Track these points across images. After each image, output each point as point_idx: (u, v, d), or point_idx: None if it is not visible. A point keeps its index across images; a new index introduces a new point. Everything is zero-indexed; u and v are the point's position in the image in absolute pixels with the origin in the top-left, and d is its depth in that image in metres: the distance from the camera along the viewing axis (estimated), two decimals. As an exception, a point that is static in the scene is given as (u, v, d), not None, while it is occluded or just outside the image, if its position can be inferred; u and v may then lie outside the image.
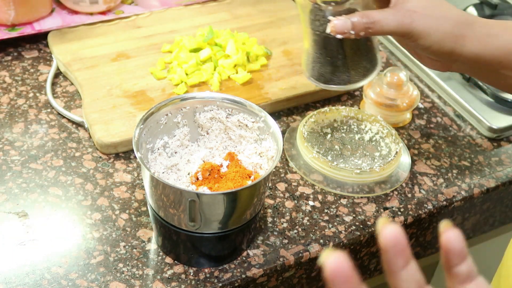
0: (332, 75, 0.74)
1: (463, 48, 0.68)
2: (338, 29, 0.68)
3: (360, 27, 0.67)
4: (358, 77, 0.74)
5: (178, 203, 0.63)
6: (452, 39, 0.67)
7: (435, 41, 0.67)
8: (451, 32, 0.67)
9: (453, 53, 0.68)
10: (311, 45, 0.74)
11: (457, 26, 0.67)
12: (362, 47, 0.73)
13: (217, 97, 0.72)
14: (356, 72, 0.74)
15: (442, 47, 0.68)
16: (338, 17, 0.68)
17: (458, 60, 0.69)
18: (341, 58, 0.73)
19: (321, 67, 0.74)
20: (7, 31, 0.94)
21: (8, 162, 0.78)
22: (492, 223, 0.91)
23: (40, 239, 0.70)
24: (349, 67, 0.73)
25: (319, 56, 0.73)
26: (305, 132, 0.82)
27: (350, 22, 0.67)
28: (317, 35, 0.72)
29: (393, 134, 0.83)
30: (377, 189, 0.79)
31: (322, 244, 0.73)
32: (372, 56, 0.74)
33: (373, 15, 0.67)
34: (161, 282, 0.67)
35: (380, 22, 0.67)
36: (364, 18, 0.67)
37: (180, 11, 1.03)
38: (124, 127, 0.81)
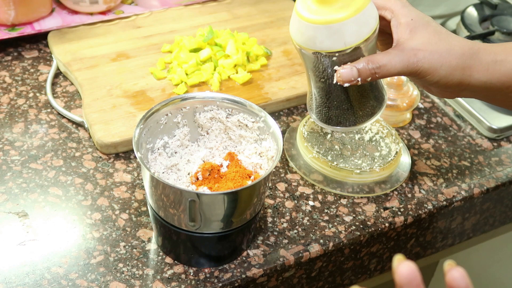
0: (340, 118, 0.72)
1: (471, 78, 0.67)
2: (344, 79, 0.66)
3: (366, 73, 0.66)
4: (366, 117, 0.73)
5: (178, 203, 0.63)
6: (459, 71, 0.67)
7: (442, 75, 0.67)
8: (457, 65, 0.66)
9: (461, 84, 0.68)
10: (315, 91, 0.72)
11: (463, 58, 0.67)
12: (368, 88, 0.71)
13: (217, 97, 0.72)
14: (364, 113, 0.72)
15: (450, 81, 0.67)
16: (344, 66, 0.66)
17: (467, 89, 0.69)
18: (348, 102, 0.71)
19: (328, 111, 0.72)
20: (7, 31, 0.94)
21: (8, 162, 0.78)
22: (492, 223, 0.91)
23: (40, 239, 0.70)
24: (357, 109, 0.72)
25: (326, 101, 0.71)
26: (305, 132, 0.82)
27: (356, 70, 0.66)
28: (322, 82, 0.70)
29: (393, 134, 0.83)
30: (377, 189, 0.79)
31: (322, 244, 0.73)
32: (378, 93, 0.73)
33: (379, 60, 0.66)
34: (161, 282, 0.67)
35: (386, 66, 0.66)
36: (369, 64, 0.66)
37: (180, 11, 1.03)
38: (124, 127, 0.81)
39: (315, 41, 0.66)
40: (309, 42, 0.66)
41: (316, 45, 0.66)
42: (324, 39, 0.65)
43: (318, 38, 0.65)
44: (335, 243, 0.73)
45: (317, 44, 0.66)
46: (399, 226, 0.77)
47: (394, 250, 0.81)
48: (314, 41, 0.66)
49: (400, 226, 0.77)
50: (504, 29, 1.01)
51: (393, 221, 0.76)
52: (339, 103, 0.71)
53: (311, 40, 0.66)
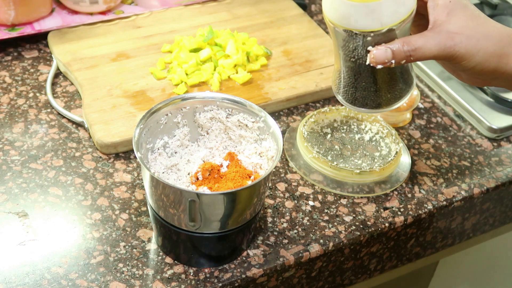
0: (366, 100, 0.70)
1: (507, 66, 0.66)
2: (378, 60, 0.64)
3: (401, 55, 0.64)
4: (393, 100, 0.71)
5: (178, 203, 0.63)
6: (495, 58, 0.65)
7: (478, 62, 0.65)
8: (494, 52, 0.65)
9: (496, 72, 0.66)
10: (344, 70, 0.70)
11: (500, 45, 0.65)
12: (398, 70, 0.69)
13: (217, 97, 0.72)
14: (392, 95, 0.70)
15: (485, 68, 0.65)
16: (378, 47, 0.64)
17: (500, 77, 0.67)
18: (376, 84, 0.69)
19: (355, 91, 0.70)
20: (7, 31, 0.94)
21: (8, 162, 0.78)
22: (492, 223, 0.91)
23: (40, 239, 0.70)
24: (385, 91, 0.70)
25: (354, 81, 0.70)
26: (305, 132, 0.82)
27: (391, 51, 0.64)
28: (352, 61, 0.68)
29: (393, 134, 0.83)
30: (377, 189, 0.79)
31: (322, 244, 0.73)
32: (408, 76, 0.71)
33: (414, 42, 0.64)
34: (161, 282, 0.67)
35: (422, 49, 0.64)
36: (404, 45, 0.64)
37: (180, 11, 1.03)
38: (124, 127, 0.81)
39: (350, 19, 0.63)
40: (343, 20, 0.64)
41: (350, 23, 0.64)
42: (360, 18, 0.63)
43: (353, 16, 0.63)
44: (335, 243, 0.73)
45: (351, 22, 0.64)
46: (399, 226, 0.77)
47: (394, 250, 0.81)
48: (349, 19, 0.63)
49: (400, 226, 0.77)
50: (504, 29, 1.01)
51: (393, 221, 0.77)
52: (368, 84, 0.69)
53: (346, 17, 0.64)
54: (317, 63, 0.94)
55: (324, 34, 1.00)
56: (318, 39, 0.99)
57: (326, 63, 0.94)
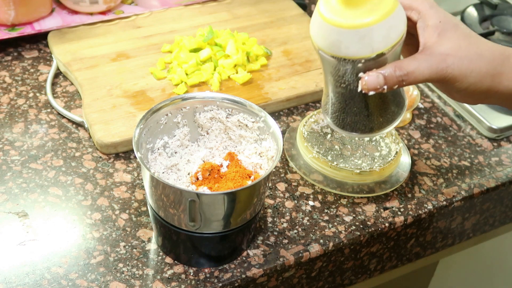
0: (358, 125, 0.68)
1: (500, 85, 0.65)
2: (370, 87, 0.62)
3: (393, 81, 0.62)
4: (386, 123, 0.69)
5: (178, 203, 0.63)
6: (488, 78, 0.64)
7: (471, 82, 0.64)
8: (487, 72, 0.64)
9: (490, 91, 0.65)
10: (334, 95, 0.68)
11: (493, 64, 0.64)
12: (390, 93, 0.67)
13: (217, 97, 0.72)
14: (384, 119, 0.69)
15: (478, 88, 0.64)
16: (369, 73, 0.62)
17: (494, 96, 0.66)
18: (368, 109, 0.67)
19: (346, 117, 0.68)
20: (7, 31, 0.94)
21: (8, 162, 0.78)
22: (492, 223, 0.91)
23: (40, 239, 0.70)
24: (377, 115, 0.68)
25: (345, 107, 0.68)
26: (305, 132, 0.82)
27: (382, 77, 0.62)
28: (342, 87, 0.66)
29: (393, 134, 0.83)
30: (377, 189, 0.79)
31: (322, 244, 0.73)
32: (400, 98, 0.69)
33: (406, 66, 0.62)
34: (161, 282, 0.67)
35: (414, 73, 0.62)
36: (397, 71, 0.62)
37: (180, 11, 1.03)
38: (124, 127, 0.81)
39: (340, 46, 0.61)
40: (333, 47, 0.62)
41: (341, 51, 0.62)
42: (350, 45, 0.61)
43: (343, 43, 0.61)
44: (335, 243, 0.73)
45: (342, 49, 0.61)
46: (399, 226, 0.77)
47: (394, 250, 0.81)
48: (339, 46, 0.61)
49: (400, 226, 0.77)
50: (504, 29, 1.01)
51: (393, 221, 0.77)
52: (359, 109, 0.67)
53: (335, 44, 0.61)
54: (317, 63, 0.94)
55: (324, 34, 1.00)
56: (318, 39, 0.99)
57: (326, 63, 0.94)
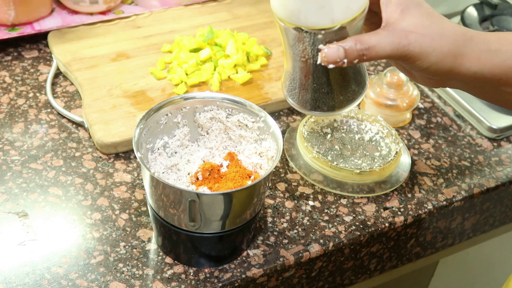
0: (318, 102, 0.67)
1: (461, 66, 0.63)
2: (330, 59, 0.61)
3: (353, 54, 0.61)
4: (346, 102, 0.68)
5: (178, 203, 0.63)
6: (450, 58, 0.63)
7: (433, 62, 0.62)
8: (449, 51, 0.62)
9: (451, 72, 0.64)
10: (294, 70, 0.67)
11: (455, 44, 0.62)
12: (351, 70, 0.66)
13: (217, 97, 0.72)
14: (345, 97, 0.68)
15: (440, 68, 0.63)
16: (329, 45, 0.61)
17: (455, 78, 0.65)
18: (328, 85, 0.66)
19: (306, 93, 0.67)
20: (7, 31, 0.94)
21: (8, 162, 0.78)
22: (492, 223, 0.91)
23: (40, 239, 0.70)
24: (337, 93, 0.67)
25: (305, 82, 0.66)
26: (305, 132, 0.82)
27: (343, 50, 0.61)
28: (302, 61, 0.65)
29: (393, 134, 0.83)
30: (377, 189, 0.79)
31: (322, 244, 0.73)
32: (361, 77, 0.68)
33: (367, 40, 0.61)
34: (161, 282, 0.67)
35: (375, 48, 0.61)
36: (357, 44, 0.61)
37: (180, 11, 1.03)
38: (124, 127, 0.81)
39: (299, 15, 0.60)
40: (292, 16, 0.61)
41: (300, 20, 0.61)
42: (310, 14, 0.60)
43: (303, 12, 0.60)
44: (335, 243, 0.73)
45: (301, 19, 0.60)
46: (399, 226, 0.77)
47: (394, 250, 0.81)
48: (298, 16, 0.60)
49: (400, 226, 0.77)
50: (504, 29, 1.01)
51: (393, 221, 0.76)
52: (319, 85, 0.66)
53: (295, 14, 0.60)
54: (317, 63, 0.94)
55: (324, 34, 1.00)
56: (318, 39, 0.99)
57: (326, 63, 0.94)
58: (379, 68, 0.99)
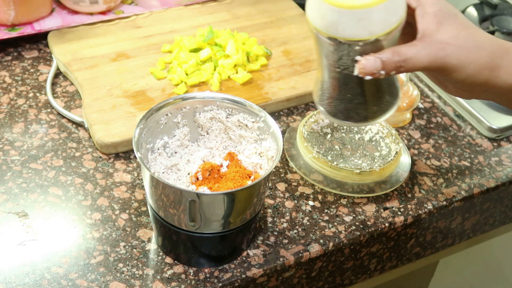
0: (351, 112, 0.67)
1: (497, 79, 0.63)
2: (367, 70, 0.61)
3: (391, 66, 0.61)
4: (379, 113, 0.68)
5: (178, 203, 0.63)
6: (487, 71, 0.62)
7: (470, 74, 0.62)
8: (486, 64, 0.62)
9: (487, 84, 0.63)
10: (328, 80, 0.66)
11: (492, 57, 0.62)
12: (385, 81, 0.66)
13: (217, 97, 0.72)
14: (378, 108, 0.67)
15: (476, 80, 0.63)
16: (366, 57, 0.61)
17: (490, 90, 0.65)
18: (362, 95, 0.66)
19: (339, 104, 0.67)
20: (7, 31, 0.94)
21: (8, 162, 0.78)
22: (492, 223, 0.91)
23: (40, 239, 0.70)
24: (370, 104, 0.67)
25: (338, 93, 0.66)
26: (305, 132, 0.82)
27: (380, 62, 0.61)
28: (337, 72, 0.64)
29: (393, 134, 0.83)
30: (377, 189, 0.79)
31: (322, 244, 0.73)
32: (394, 89, 0.68)
33: (404, 52, 0.61)
34: (161, 282, 0.67)
35: (412, 60, 0.61)
36: (395, 56, 0.61)
37: (180, 11, 1.03)
38: (124, 127, 0.81)
39: (338, 27, 0.60)
40: (330, 28, 0.60)
41: (338, 32, 0.60)
42: (348, 26, 0.59)
43: (341, 24, 0.59)
44: (335, 243, 0.73)
45: (339, 30, 0.60)
46: (399, 226, 0.77)
47: (394, 250, 0.81)
48: (336, 27, 0.60)
49: (400, 226, 0.77)
50: (504, 29, 1.01)
51: (393, 221, 0.77)
52: (353, 96, 0.66)
53: (333, 25, 0.60)
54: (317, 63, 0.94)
55: (324, 34, 1.00)
56: (318, 39, 0.99)
57: (326, 63, 0.94)
58: (379, 68, 0.99)
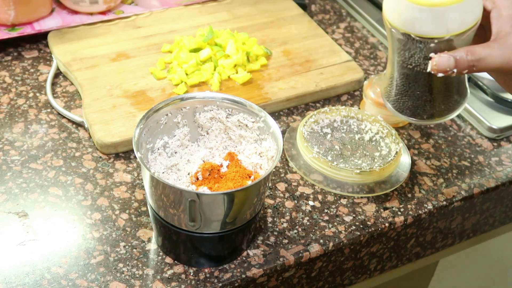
0: (418, 109, 0.68)
1: None
2: (440, 68, 0.62)
3: (464, 65, 0.62)
4: (447, 112, 0.68)
5: (178, 203, 0.63)
6: None
7: None
8: None
9: None
10: (398, 76, 0.68)
11: None
12: (455, 80, 0.67)
13: (217, 97, 0.72)
14: (446, 107, 0.68)
15: None
16: (441, 54, 0.62)
17: None
18: (431, 93, 0.67)
19: (407, 100, 0.68)
20: (7, 31, 0.94)
21: (8, 162, 0.78)
22: (492, 223, 0.91)
23: (40, 239, 0.70)
24: (438, 102, 0.67)
25: (408, 89, 0.67)
26: (305, 132, 0.82)
27: (454, 60, 0.62)
28: (408, 68, 0.66)
29: (393, 134, 0.83)
30: (377, 189, 0.79)
31: (322, 244, 0.73)
32: (463, 88, 0.68)
33: (478, 52, 0.62)
34: (161, 282, 0.67)
35: (486, 60, 0.62)
36: (469, 55, 0.62)
37: (180, 11, 1.03)
38: (124, 127, 0.81)
39: (415, 23, 0.61)
40: (406, 24, 0.61)
41: (414, 28, 0.61)
42: (426, 23, 0.61)
43: (418, 20, 0.61)
44: (335, 243, 0.73)
45: (415, 27, 0.61)
46: (399, 226, 0.77)
47: (394, 250, 0.81)
48: (413, 24, 0.61)
49: (400, 226, 0.77)
50: (504, 29, 1.01)
51: (393, 221, 0.77)
52: (422, 93, 0.66)
53: (410, 22, 0.61)
54: (317, 63, 0.94)
55: (324, 34, 1.00)
56: (318, 39, 0.99)
57: (326, 63, 0.94)
58: (379, 68, 0.99)
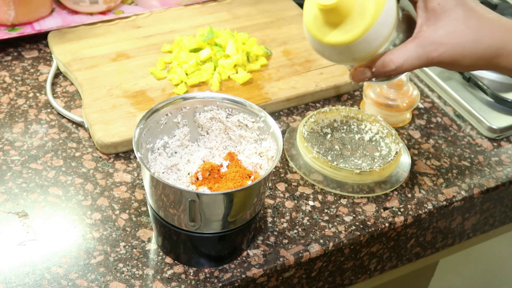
0: None
1: (498, 65, 0.64)
2: (357, 80, 0.68)
3: (381, 75, 0.66)
4: None
5: (178, 203, 0.63)
6: (483, 61, 0.63)
7: (464, 66, 0.64)
8: (483, 55, 0.63)
9: (488, 68, 0.65)
10: None
11: (490, 49, 0.63)
12: None
13: (217, 97, 0.72)
14: None
15: (473, 69, 0.65)
16: (358, 69, 0.67)
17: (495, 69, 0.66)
18: None
19: None
20: (7, 31, 0.94)
21: (8, 162, 0.78)
22: (492, 223, 0.91)
23: (40, 239, 0.70)
24: None
25: None
26: (305, 132, 0.82)
27: (370, 73, 0.66)
28: None
29: (393, 134, 0.83)
30: (377, 189, 0.79)
31: (322, 244, 0.73)
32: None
33: (395, 60, 0.64)
34: (161, 282, 0.67)
35: (403, 66, 0.63)
36: (385, 67, 0.64)
37: (180, 11, 1.03)
38: (124, 127, 0.81)
39: (324, 54, 0.68)
40: (321, 54, 0.69)
41: (325, 56, 0.69)
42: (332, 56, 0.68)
43: (325, 53, 0.68)
44: (335, 243, 0.73)
45: (326, 56, 0.69)
46: (399, 226, 0.77)
47: (394, 250, 0.81)
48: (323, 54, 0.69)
49: (400, 226, 0.77)
50: (504, 29, 1.01)
51: (393, 221, 0.77)
52: None
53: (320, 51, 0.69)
54: (317, 63, 0.94)
55: (324, 34, 1.00)
56: (318, 39, 0.99)
57: (326, 63, 0.94)
58: (379, 68, 0.99)
